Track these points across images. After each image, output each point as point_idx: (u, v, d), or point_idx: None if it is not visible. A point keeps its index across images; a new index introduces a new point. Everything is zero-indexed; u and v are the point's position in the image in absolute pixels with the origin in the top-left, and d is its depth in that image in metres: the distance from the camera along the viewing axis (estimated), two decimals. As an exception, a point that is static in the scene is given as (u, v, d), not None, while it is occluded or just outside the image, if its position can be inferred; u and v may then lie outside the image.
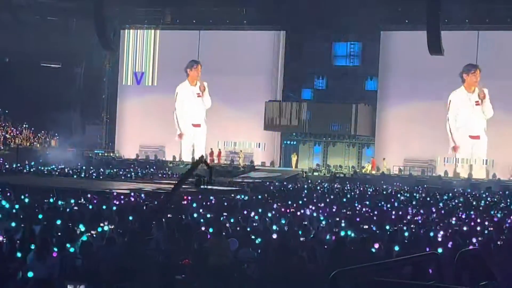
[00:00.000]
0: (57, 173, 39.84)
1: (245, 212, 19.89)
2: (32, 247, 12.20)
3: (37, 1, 53.47)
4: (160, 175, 44.00)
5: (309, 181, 42.87)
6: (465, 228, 18.05)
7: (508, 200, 31.43)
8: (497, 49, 45.84)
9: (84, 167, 44.50)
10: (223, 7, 51.30)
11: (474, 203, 28.79)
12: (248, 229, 15.90)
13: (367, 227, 17.49)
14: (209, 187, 8.58)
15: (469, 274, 5.50)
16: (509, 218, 21.93)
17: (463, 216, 21.96)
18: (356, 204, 25.17)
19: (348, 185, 39.08)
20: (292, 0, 48.96)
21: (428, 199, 30.36)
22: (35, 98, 51.36)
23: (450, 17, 44.65)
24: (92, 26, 50.04)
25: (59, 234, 14.12)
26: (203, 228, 15.71)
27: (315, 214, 20.29)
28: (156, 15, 54.63)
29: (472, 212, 23.52)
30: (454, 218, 20.94)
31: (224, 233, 14.44)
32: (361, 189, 36.47)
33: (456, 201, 29.91)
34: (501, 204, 29.28)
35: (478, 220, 20.29)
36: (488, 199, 32.20)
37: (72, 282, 7.78)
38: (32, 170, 41.22)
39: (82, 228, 14.69)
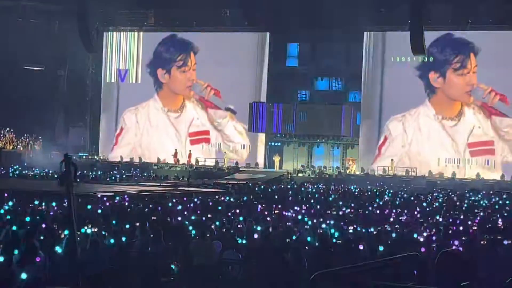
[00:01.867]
0: (40, 176, 39.61)
1: (230, 213, 19.88)
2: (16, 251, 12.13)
3: (19, 3, 53.11)
4: (143, 177, 44.05)
5: (293, 182, 42.84)
6: (448, 228, 18.11)
7: (492, 200, 31.60)
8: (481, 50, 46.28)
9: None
10: (206, 8, 51.16)
11: (458, 203, 28.89)
12: (232, 231, 15.90)
13: (352, 227, 17.52)
14: (74, 184, 8.73)
15: (450, 274, 5.52)
16: (492, 217, 22.04)
17: (447, 216, 22.02)
18: (341, 205, 25.21)
19: (333, 186, 39.14)
20: (276, 0, 49.02)
21: (412, 198, 30.45)
22: (18, 101, 51.02)
23: (433, 17, 44.94)
24: (75, 29, 49.81)
25: (44, 237, 14.04)
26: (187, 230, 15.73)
27: (300, 216, 20.27)
28: (139, 17, 54.49)
29: (456, 212, 23.61)
30: (438, 218, 21.03)
31: (208, 235, 14.44)
32: (346, 189, 36.53)
33: (440, 200, 30.01)
34: (484, 204, 29.41)
35: (462, 220, 20.35)
36: (472, 198, 32.33)
37: (53, 286, 7.73)
38: (16, 173, 40.99)
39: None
